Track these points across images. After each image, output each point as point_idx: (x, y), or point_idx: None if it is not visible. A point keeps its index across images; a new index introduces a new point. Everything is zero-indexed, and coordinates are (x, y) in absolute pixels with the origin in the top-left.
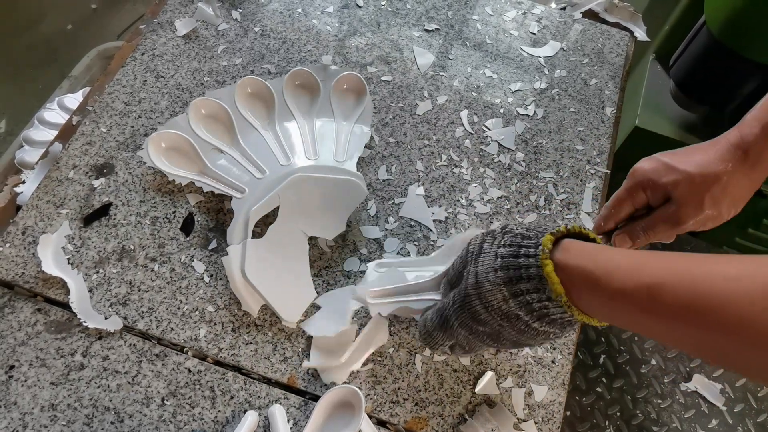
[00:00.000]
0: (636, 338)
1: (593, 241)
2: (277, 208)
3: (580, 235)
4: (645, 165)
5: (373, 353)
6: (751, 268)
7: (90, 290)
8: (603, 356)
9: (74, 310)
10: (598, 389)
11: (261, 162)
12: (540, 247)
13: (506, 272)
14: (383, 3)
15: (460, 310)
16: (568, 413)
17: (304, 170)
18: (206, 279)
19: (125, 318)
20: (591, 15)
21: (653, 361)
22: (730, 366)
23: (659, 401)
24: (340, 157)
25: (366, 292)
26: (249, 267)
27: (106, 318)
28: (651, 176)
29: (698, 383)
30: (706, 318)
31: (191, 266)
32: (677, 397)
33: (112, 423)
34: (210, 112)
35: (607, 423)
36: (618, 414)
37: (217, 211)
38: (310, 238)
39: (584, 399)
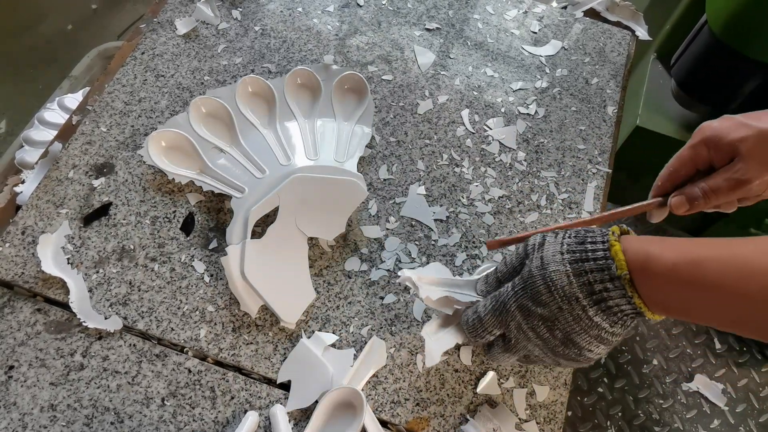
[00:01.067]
0: (637, 338)
1: None
2: (277, 207)
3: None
4: (713, 122)
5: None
6: None
7: (90, 290)
8: (604, 356)
9: (74, 310)
10: (600, 389)
11: (261, 161)
12: (608, 235)
13: (572, 255)
14: (384, 2)
15: (522, 291)
16: (569, 413)
17: (305, 170)
18: (206, 279)
19: (125, 318)
20: (592, 14)
21: (655, 361)
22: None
23: (661, 401)
24: (340, 157)
25: (414, 275)
26: (248, 267)
27: (106, 318)
28: (719, 132)
29: (700, 383)
30: (743, 285)
31: (191, 266)
32: (679, 397)
33: (111, 423)
34: (211, 110)
35: (608, 423)
36: (620, 414)
37: (217, 211)
38: (310, 238)
39: (586, 399)
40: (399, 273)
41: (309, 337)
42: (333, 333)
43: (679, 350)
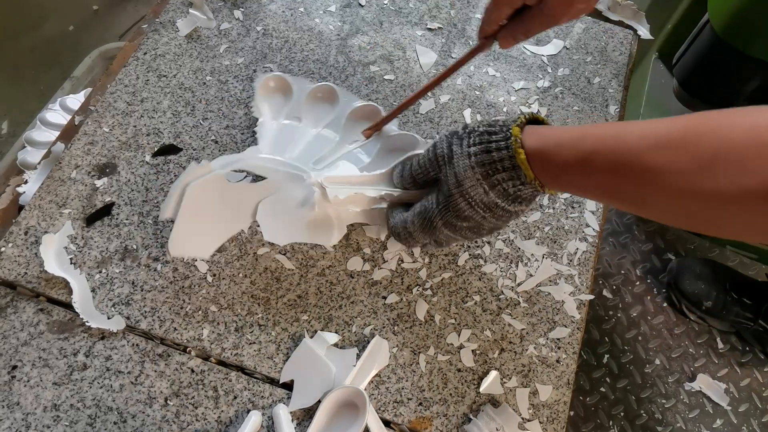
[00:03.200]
0: (640, 338)
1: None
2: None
3: (536, 121)
4: None
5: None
6: (658, 123)
7: (93, 290)
8: (607, 356)
9: (77, 310)
10: (602, 389)
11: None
12: (510, 140)
13: (483, 168)
14: (386, 2)
15: (445, 209)
16: (572, 413)
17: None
18: (209, 279)
19: (128, 318)
20: (594, 13)
21: (657, 361)
22: (644, 210)
23: (663, 401)
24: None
25: (322, 178)
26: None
27: (108, 318)
28: None
29: (703, 383)
30: (623, 169)
31: (194, 266)
32: (681, 397)
33: (114, 423)
34: (277, 86)
35: (611, 423)
36: (622, 414)
37: None
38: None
39: (588, 399)
40: (305, 177)
41: (312, 337)
42: (335, 333)
43: (682, 350)
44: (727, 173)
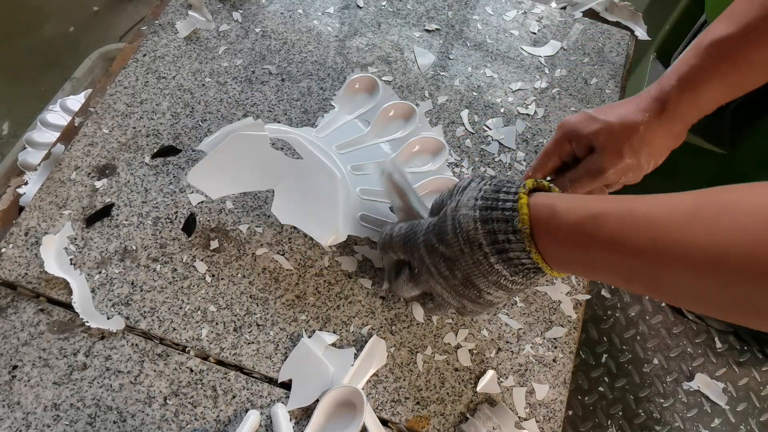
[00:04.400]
0: (638, 337)
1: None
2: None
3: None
4: (571, 118)
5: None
6: (677, 196)
7: (92, 290)
8: (605, 356)
9: (77, 311)
10: (601, 389)
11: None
12: (521, 185)
13: (485, 201)
14: (384, 3)
15: (432, 226)
16: (570, 413)
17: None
18: (208, 279)
19: (127, 318)
20: (591, 14)
21: (655, 361)
22: (655, 290)
23: (661, 400)
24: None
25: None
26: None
27: (108, 318)
28: (576, 126)
29: (701, 382)
30: (635, 239)
31: (193, 266)
32: (680, 396)
33: (114, 422)
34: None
35: (609, 422)
36: (620, 413)
37: (218, 212)
38: (309, 239)
39: (587, 398)
40: (337, 173)
41: (310, 337)
42: (333, 332)
43: (680, 349)
44: (744, 251)
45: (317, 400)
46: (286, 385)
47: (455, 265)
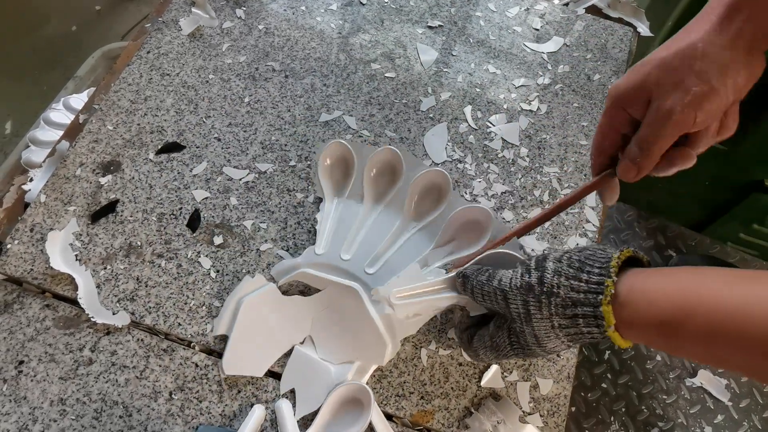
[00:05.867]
0: None
1: (644, 262)
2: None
3: (635, 260)
4: (618, 80)
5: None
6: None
7: (98, 286)
8: (608, 352)
9: (82, 306)
10: (604, 385)
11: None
12: (603, 320)
13: (567, 330)
14: (386, 0)
15: (519, 350)
16: (573, 409)
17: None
18: (212, 275)
19: (133, 313)
20: (594, 11)
21: (658, 357)
22: (754, 375)
23: (664, 397)
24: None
25: (390, 293)
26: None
27: (113, 313)
28: (625, 86)
29: (703, 379)
30: (735, 339)
31: (198, 262)
32: (682, 393)
33: (120, 417)
34: (338, 155)
35: (612, 419)
36: (623, 410)
37: (222, 207)
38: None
39: (590, 395)
40: (372, 291)
41: (302, 343)
42: None
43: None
44: None
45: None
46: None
47: (541, 349)
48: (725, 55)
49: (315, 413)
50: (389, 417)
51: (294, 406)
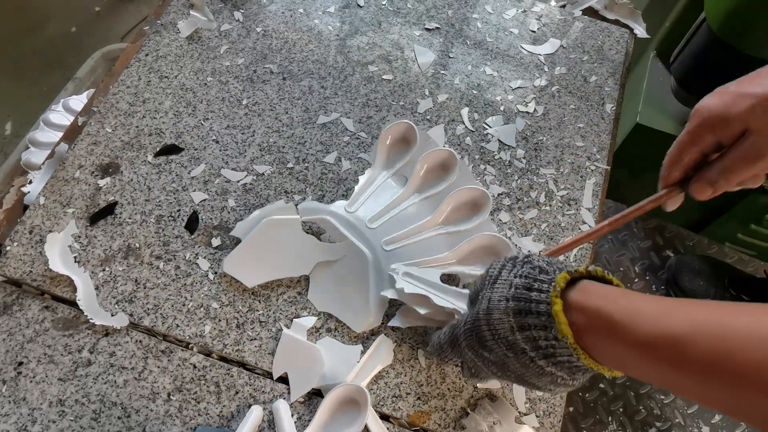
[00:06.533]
0: None
1: (613, 285)
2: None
3: (603, 279)
4: (709, 100)
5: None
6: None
7: (96, 288)
8: None
9: (81, 308)
10: (601, 385)
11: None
12: (553, 284)
13: (517, 303)
14: (384, 2)
15: (469, 331)
16: (571, 409)
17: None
18: (210, 276)
19: (131, 315)
20: (591, 12)
21: None
22: (737, 414)
23: (662, 397)
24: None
25: (400, 267)
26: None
27: (112, 315)
28: (719, 110)
29: None
30: (740, 375)
31: (196, 264)
32: None
33: (119, 418)
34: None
35: (610, 419)
36: (621, 410)
37: (220, 209)
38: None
39: (587, 395)
40: (392, 266)
41: (289, 327)
42: (311, 315)
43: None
44: None
45: (322, 397)
46: (288, 380)
47: (506, 366)
48: None
49: (311, 411)
50: (386, 418)
51: (288, 392)
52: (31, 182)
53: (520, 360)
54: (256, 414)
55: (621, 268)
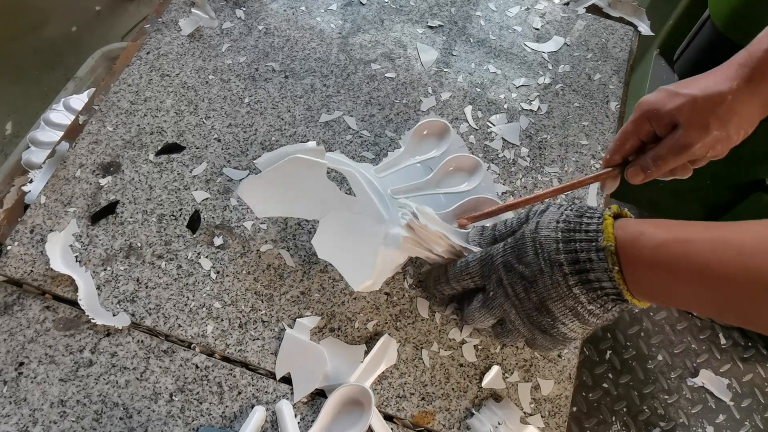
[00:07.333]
0: (642, 334)
1: None
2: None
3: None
4: (650, 96)
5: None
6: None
7: (98, 287)
8: (609, 352)
9: (82, 308)
10: (605, 385)
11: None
12: (603, 211)
13: (567, 224)
14: (386, 0)
15: (511, 249)
16: (575, 409)
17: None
18: (213, 276)
19: (133, 315)
20: (594, 10)
21: (660, 357)
22: (753, 323)
23: (666, 397)
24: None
25: (416, 209)
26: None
27: (114, 315)
28: (655, 105)
29: (705, 378)
30: (728, 266)
31: (198, 263)
32: (684, 393)
33: (120, 419)
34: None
35: (613, 419)
36: (625, 410)
37: (222, 208)
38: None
39: (591, 395)
40: (388, 220)
41: (292, 327)
42: (315, 315)
43: (684, 346)
44: None
45: (325, 397)
46: (290, 381)
47: (533, 286)
48: (746, 110)
49: (314, 412)
50: (390, 418)
51: (291, 393)
52: (31, 181)
53: (553, 275)
54: (259, 415)
55: None
